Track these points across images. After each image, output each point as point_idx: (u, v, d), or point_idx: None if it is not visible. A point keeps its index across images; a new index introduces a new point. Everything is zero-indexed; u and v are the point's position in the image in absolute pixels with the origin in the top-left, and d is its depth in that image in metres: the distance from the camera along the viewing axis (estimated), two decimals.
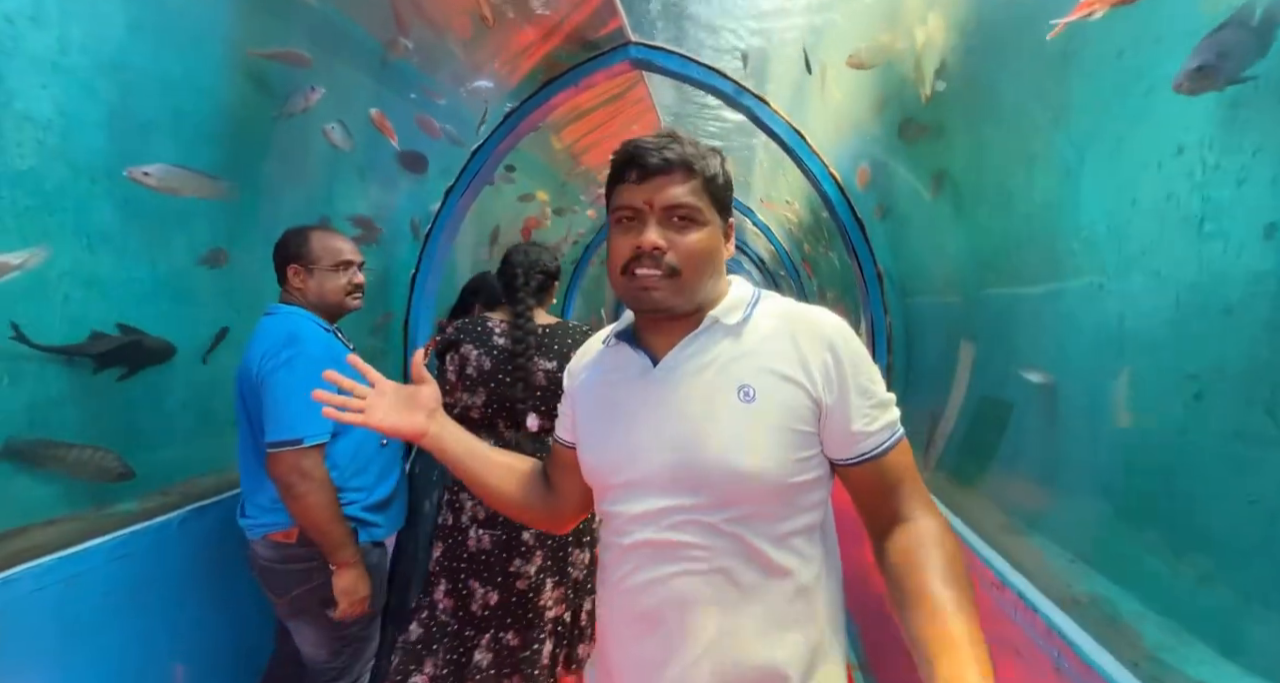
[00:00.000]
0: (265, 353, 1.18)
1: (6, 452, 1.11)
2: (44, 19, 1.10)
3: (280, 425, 1.14)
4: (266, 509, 1.24)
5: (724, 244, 0.70)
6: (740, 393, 0.64)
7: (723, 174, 0.69)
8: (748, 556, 0.64)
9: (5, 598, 0.98)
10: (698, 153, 0.67)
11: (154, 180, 1.24)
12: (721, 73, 2.01)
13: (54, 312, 1.23)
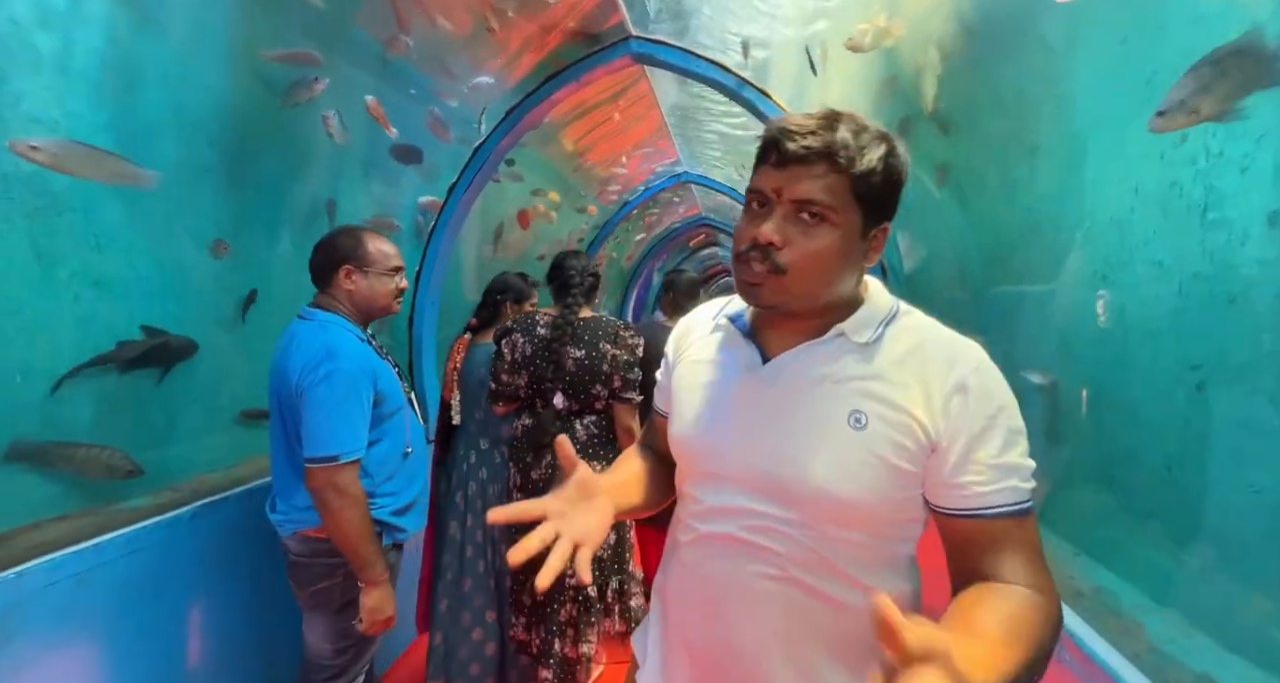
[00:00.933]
0: (305, 366, 1.19)
1: (14, 452, 1.13)
2: (51, 22, 1.12)
3: (317, 442, 1.17)
4: (300, 508, 1.26)
5: (864, 251, 0.61)
6: (852, 418, 0.59)
7: (883, 170, 0.58)
8: (828, 573, 0.61)
9: (19, 593, 1.00)
10: (854, 143, 0.57)
11: (44, 156, 1.03)
12: (723, 66, 2.01)
13: (65, 311, 1.25)
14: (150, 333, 1.38)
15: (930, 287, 1.90)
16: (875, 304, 0.64)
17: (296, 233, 1.83)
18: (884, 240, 0.62)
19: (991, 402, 0.57)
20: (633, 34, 2.10)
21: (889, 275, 2.13)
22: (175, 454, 1.51)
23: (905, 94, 1.64)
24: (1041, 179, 1.11)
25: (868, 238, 0.61)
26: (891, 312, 0.64)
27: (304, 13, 1.57)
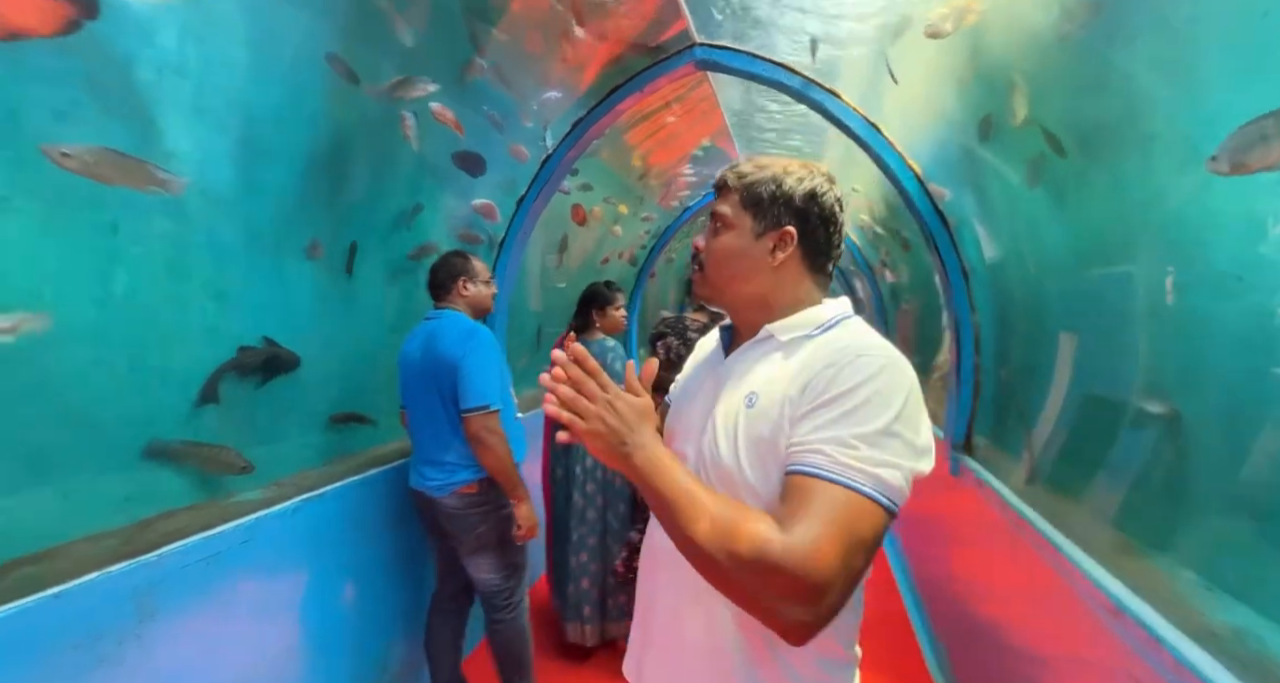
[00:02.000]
0: (457, 341, 1.62)
1: (151, 451, 1.28)
2: (186, 69, 1.27)
3: (473, 395, 1.58)
4: (452, 469, 1.66)
5: (767, 251, 0.73)
6: (747, 399, 0.68)
7: (770, 187, 0.73)
8: None
9: (159, 573, 1.13)
10: (750, 173, 0.74)
11: (74, 163, 1.01)
12: (789, 68, 1.97)
13: (193, 322, 1.41)
14: (268, 343, 1.53)
15: (1022, 291, 1.76)
16: (814, 314, 0.72)
17: (381, 243, 1.97)
18: (787, 244, 0.73)
19: (848, 383, 0.61)
20: (697, 42, 2.10)
21: (970, 278, 2.00)
22: (279, 453, 1.65)
23: (991, 85, 1.54)
24: (1159, 172, 1.01)
25: (762, 239, 0.73)
26: (830, 321, 0.71)
27: (392, 46, 1.69)
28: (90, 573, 1.03)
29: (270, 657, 1.42)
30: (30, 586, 0.97)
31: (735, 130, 3.47)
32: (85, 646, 1.00)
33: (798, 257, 0.74)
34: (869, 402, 0.60)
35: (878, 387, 0.61)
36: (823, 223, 0.74)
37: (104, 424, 1.21)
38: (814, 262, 0.75)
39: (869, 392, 0.60)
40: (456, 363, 1.59)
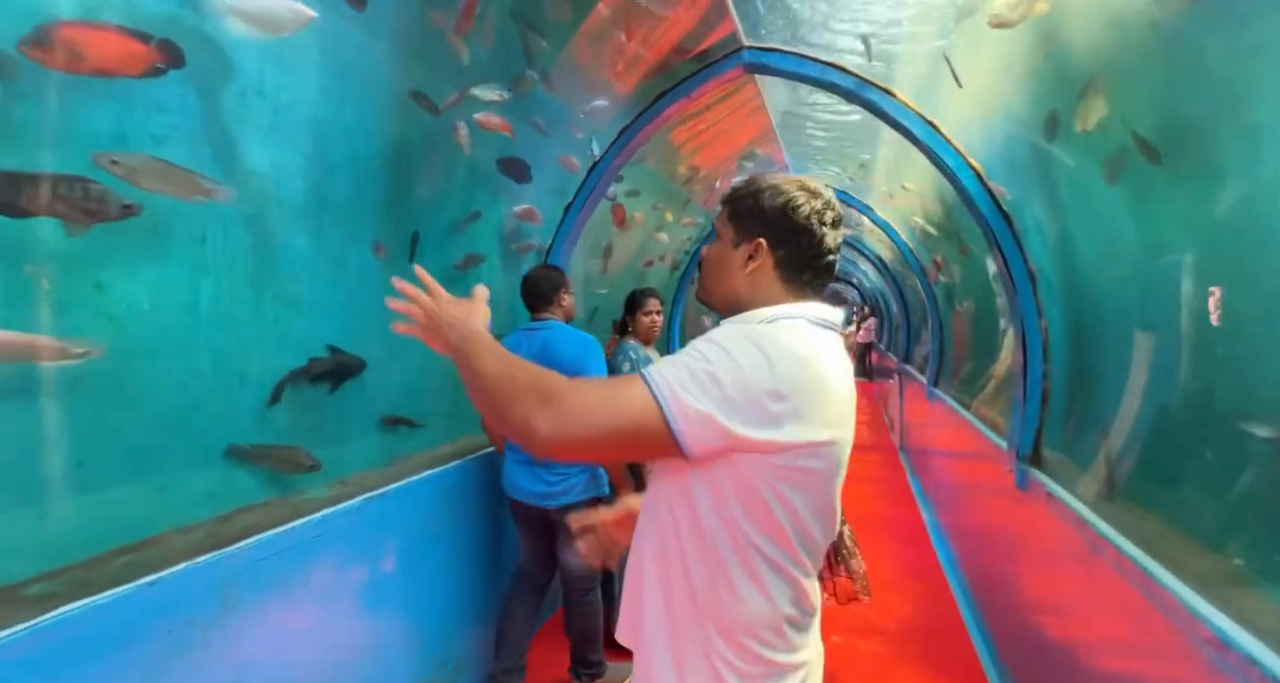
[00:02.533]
0: (575, 354, 1.84)
1: (230, 452, 1.37)
2: (265, 91, 1.36)
3: None
4: (564, 474, 1.88)
5: (742, 260, 0.81)
6: None
7: (748, 202, 0.82)
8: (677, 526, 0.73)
9: (240, 565, 1.20)
10: (737, 189, 0.85)
11: (122, 170, 1.04)
12: (842, 68, 1.92)
13: (268, 329, 1.50)
14: (333, 351, 1.61)
15: (1097, 295, 1.66)
16: (756, 312, 0.78)
17: (438, 250, 2.05)
18: (760, 254, 0.80)
19: (696, 340, 0.71)
20: (745, 44, 2.09)
21: (1036, 280, 1.90)
22: (342, 453, 1.73)
23: (1064, 77, 1.45)
24: (1264, 165, 0.92)
25: (739, 248, 0.82)
26: (771, 317, 0.76)
27: (449, 62, 1.75)
28: (180, 563, 1.11)
29: (337, 647, 1.49)
30: (130, 573, 1.05)
31: (781, 132, 3.42)
32: (178, 631, 1.07)
33: (770, 265, 0.80)
34: (692, 345, 0.71)
35: (704, 341, 0.70)
36: (795, 234, 0.79)
37: (190, 425, 1.30)
38: (788, 270, 0.80)
39: (699, 342, 0.71)
40: (579, 370, 1.80)
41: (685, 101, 2.32)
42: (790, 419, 0.66)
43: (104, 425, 1.14)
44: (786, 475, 0.68)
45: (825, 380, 0.70)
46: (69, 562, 1.04)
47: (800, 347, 0.69)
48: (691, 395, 0.65)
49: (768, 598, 0.70)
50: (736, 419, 0.65)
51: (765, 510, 0.69)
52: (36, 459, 1.04)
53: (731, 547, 0.70)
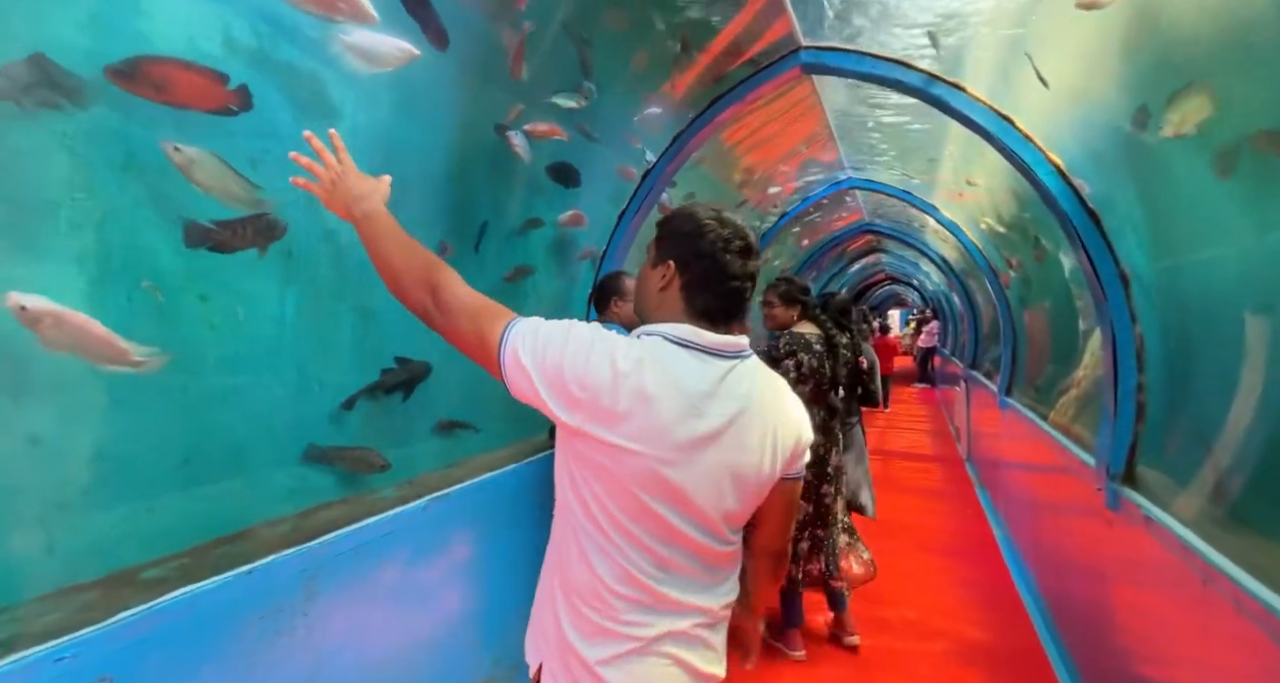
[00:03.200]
0: None
1: (308, 454, 1.46)
2: (342, 112, 1.45)
3: None
4: None
5: (657, 282, 0.89)
6: None
7: (667, 225, 0.91)
8: None
9: (321, 559, 1.28)
10: (663, 216, 0.94)
11: (180, 158, 1.10)
12: (906, 63, 1.85)
13: (344, 337, 1.59)
14: (401, 362, 1.70)
15: (1204, 299, 1.50)
16: (646, 327, 0.88)
17: (496, 259, 2.12)
18: (670, 276, 0.88)
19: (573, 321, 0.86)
20: (802, 44, 2.05)
21: (1130, 284, 1.74)
22: (407, 455, 1.82)
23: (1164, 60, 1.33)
24: None
25: (655, 269, 0.90)
26: (639, 333, 0.87)
27: (509, 82, 1.81)
28: (269, 556, 1.19)
29: (404, 640, 1.56)
30: (227, 562, 1.14)
31: (839, 131, 3.32)
32: (268, 618, 1.16)
33: (677, 287, 0.87)
34: (566, 321, 0.84)
35: (572, 324, 0.83)
36: (699, 259, 0.85)
37: (275, 427, 1.40)
38: (692, 293, 0.86)
39: (570, 322, 0.84)
40: None
41: (740, 105, 2.29)
42: (584, 409, 0.78)
43: (205, 426, 1.25)
44: (587, 463, 0.81)
45: (643, 396, 0.77)
46: (176, 550, 1.14)
47: (629, 362, 0.78)
48: (525, 352, 0.80)
49: (592, 571, 0.82)
50: (544, 385, 0.79)
51: (580, 494, 0.82)
52: (150, 456, 1.15)
53: (575, 520, 0.84)
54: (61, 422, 1.03)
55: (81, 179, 1.04)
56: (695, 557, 0.83)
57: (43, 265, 1.01)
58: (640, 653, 0.82)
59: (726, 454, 0.81)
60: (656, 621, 0.83)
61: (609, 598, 0.81)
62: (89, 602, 0.96)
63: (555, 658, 0.85)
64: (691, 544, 0.82)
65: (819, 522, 2.33)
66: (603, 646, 0.82)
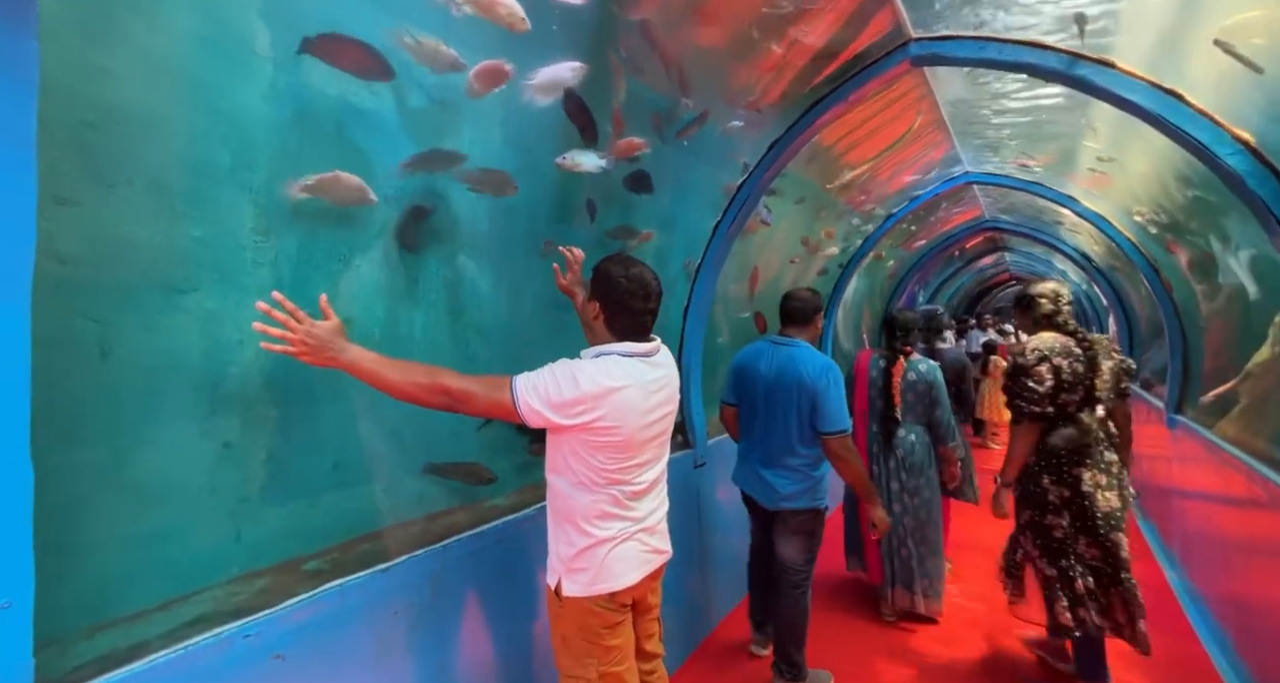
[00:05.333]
0: (818, 374, 1.99)
1: (427, 469, 1.59)
2: (462, 146, 1.59)
3: (835, 421, 1.97)
4: (797, 477, 2.07)
5: (593, 311, 1.36)
6: None
7: (595, 274, 1.36)
8: None
9: (444, 560, 1.40)
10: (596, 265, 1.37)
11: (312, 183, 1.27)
12: (1039, 44, 1.65)
13: (461, 352, 1.73)
14: None
15: None
16: (593, 349, 1.34)
17: None
18: (596, 310, 1.35)
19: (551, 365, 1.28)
20: (911, 37, 1.91)
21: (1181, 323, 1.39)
22: (514, 465, 1.92)
23: None
24: None
25: (589, 304, 1.37)
26: (594, 353, 1.32)
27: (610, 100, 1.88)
28: (402, 555, 1.31)
29: (517, 637, 1.64)
30: (369, 559, 1.27)
31: (954, 122, 3.05)
32: (401, 613, 1.27)
33: (604, 318, 1.33)
34: (547, 369, 1.25)
35: (554, 368, 1.25)
36: (618, 297, 1.31)
37: (404, 436, 1.55)
38: (615, 321, 1.32)
39: (552, 366, 1.26)
40: (819, 392, 1.97)
41: (842, 106, 2.19)
42: (586, 414, 1.21)
43: (350, 435, 1.41)
44: (586, 442, 1.24)
45: (613, 391, 1.22)
46: (330, 544, 1.30)
47: (601, 374, 1.23)
48: (534, 398, 1.20)
49: (592, 498, 1.27)
50: (552, 413, 1.20)
51: (581, 457, 1.25)
52: (308, 460, 1.32)
53: (575, 478, 1.27)
54: (244, 430, 1.21)
55: (261, 224, 1.23)
56: (655, 481, 1.37)
57: (232, 295, 1.20)
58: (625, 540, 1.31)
59: (666, 409, 1.35)
60: (630, 515, 1.32)
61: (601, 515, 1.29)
62: (265, 587, 1.12)
63: (573, 561, 1.27)
64: (651, 472, 1.34)
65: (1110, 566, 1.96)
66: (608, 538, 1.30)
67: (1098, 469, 1.93)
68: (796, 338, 2.12)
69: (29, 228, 0.72)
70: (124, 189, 1.03)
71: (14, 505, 0.70)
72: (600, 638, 1.27)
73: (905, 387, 2.57)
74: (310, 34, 1.24)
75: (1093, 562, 1.96)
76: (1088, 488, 1.92)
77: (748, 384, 2.16)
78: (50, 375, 0.90)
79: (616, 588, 1.28)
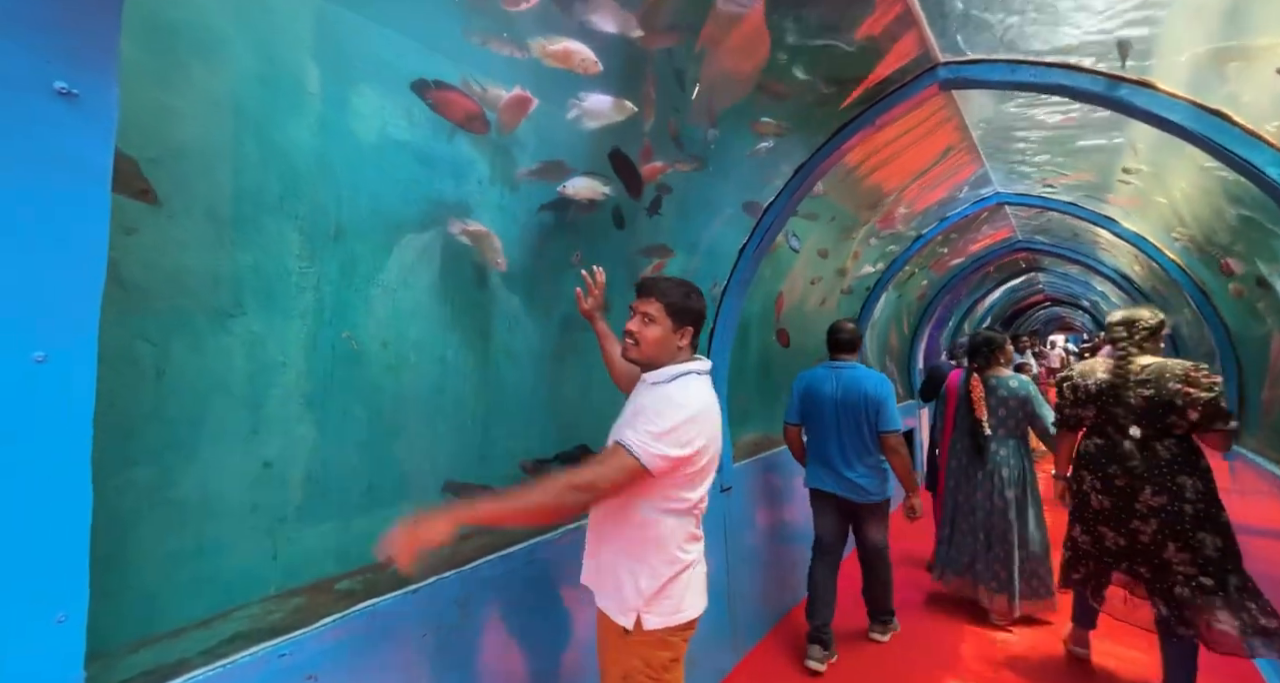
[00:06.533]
0: (877, 387, 2.48)
1: (446, 487, 1.59)
2: (494, 179, 1.64)
3: (893, 422, 2.47)
4: (869, 475, 2.52)
5: (676, 340, 1.33)
6: (631, 413, 1.31)
7: (680, 302, 1.33)
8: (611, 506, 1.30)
9: (473, 583, 1.40)
10: (665, 287, 1.34)
11: (464, 232, 1.53)
12: (1073, 66, 1.64)
13: (490, 375, 1.75)
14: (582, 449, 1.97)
15: None
16: (671, 368, 1.32)
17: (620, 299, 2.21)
18: (692, 337, 1.36)
19: (651, 401, 1.28)
20: (940, 61, 1.91)
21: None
22: None
23: None
24: None
25: (677, 333, 1.34)
26: (679, 373, 1.31)
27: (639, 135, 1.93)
28: (431, 578, 1.31)
29: (545, 660, 1.62)
30: (399, 580, 1.28)
31: (984, 143, 3.02)
32: (430, 634, 1.27)
33: (692, 339, 1.37)
34: (653, 410, 1.24)
35: (655, 402, 1.26)
36: (699, 317, 1.37)
37: (437, 459, 1.57)
38: (696, 340, 1.38)
39: (657, 407, 1.24)
40: (881, 400, 2.46)
41: (869, 130, 2.19)
42: (699, 439, 1.23)
43: (384, 456, 1.43)
44: (677, 481, 1.25)
45: (708, 409, 1.28)
46: (361, 564, 1.31)
47: (694, 397, 1.26)
48: (651, 446, 1.18)
49: (679, 522, 1.28)
50: (674, 448, 1.19)
51: (675, 482, 1.25)
52: (345, 481, 1.34)
53: (664, 501, 1.26)
54: (284, 450, 1.24)
55: (305, 250, 1.29)
56: None
57: (277, 319, 1.25)
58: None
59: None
60: (700, 543, 1.35)
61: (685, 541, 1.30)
62: (299, 606, 1.14)
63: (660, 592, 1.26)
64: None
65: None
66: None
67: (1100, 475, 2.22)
68: (852, 361, 2.59)
69: (101, 258, 0.76)
70: (183, 219, 1.09)
71: (73, 523, 0.74)
72: (666, 671, 1.25)
73: (996, 403, 2.87)
74: (428, 79, 1.40)
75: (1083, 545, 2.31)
76: (1086, 488, 2.26)
77: (815, 404, 2.57)
78: (109, 396, 0.95)
79: (694, 615, 1.28)
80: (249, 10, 1.14)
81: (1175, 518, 2.02)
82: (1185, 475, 2.02)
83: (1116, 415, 2.13)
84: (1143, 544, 2.08)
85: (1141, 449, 2.08)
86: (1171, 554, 2.03)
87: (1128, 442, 2.10)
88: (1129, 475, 2.09)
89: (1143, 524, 2.08)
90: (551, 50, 1.45)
